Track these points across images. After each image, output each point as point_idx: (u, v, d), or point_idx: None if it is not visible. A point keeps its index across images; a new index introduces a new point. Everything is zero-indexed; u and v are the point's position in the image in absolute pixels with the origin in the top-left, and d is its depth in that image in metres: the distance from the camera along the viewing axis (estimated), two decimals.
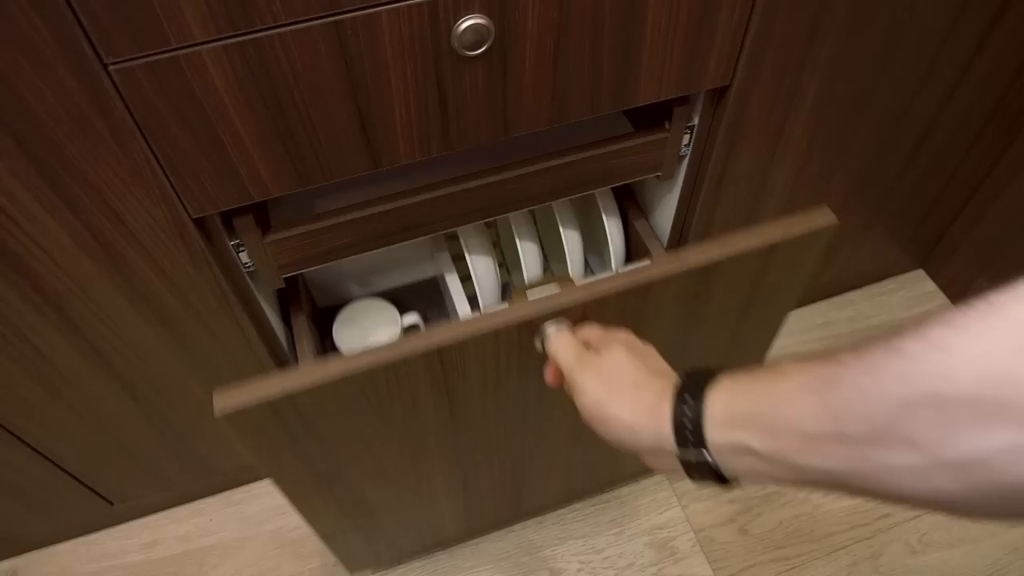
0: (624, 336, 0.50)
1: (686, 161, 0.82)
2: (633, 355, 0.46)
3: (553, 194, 0.79)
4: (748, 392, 0.38)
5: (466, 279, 0.93)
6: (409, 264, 1.03)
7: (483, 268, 0.91)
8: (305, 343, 0.85)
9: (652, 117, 0.79)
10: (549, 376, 0.52)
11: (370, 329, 0.97)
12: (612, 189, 0.96)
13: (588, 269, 1.02)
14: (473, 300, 0.92)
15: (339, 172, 0.63)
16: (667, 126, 0.77)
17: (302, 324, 0.86)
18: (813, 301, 1.23)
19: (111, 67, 0.50)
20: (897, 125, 0.87)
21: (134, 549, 1.04)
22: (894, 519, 1.02)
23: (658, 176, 0.82)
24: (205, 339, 0.75)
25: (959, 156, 0.99)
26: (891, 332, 0.31)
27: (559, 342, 0.50)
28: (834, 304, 1.23)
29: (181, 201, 0.60)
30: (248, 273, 0.73)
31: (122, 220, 0.60)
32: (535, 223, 0.95)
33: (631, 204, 0.96)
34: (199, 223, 0.63)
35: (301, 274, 0.89)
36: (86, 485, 0.93)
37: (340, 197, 0.75)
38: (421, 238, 0.77)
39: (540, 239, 1.01)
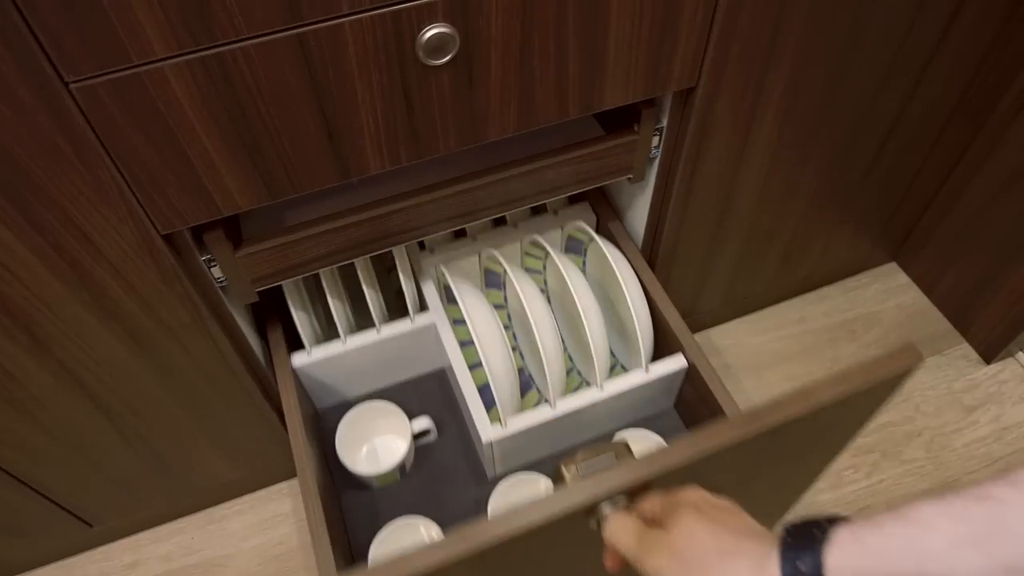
0: (692, 496, 0.40)
1: (657, 162, 0.82)
2: (709, 520, 0.38)
3: (525, 199, 0.79)
4: (883, 551, 0.32)
5: (475, 367, 0.87)
6: (414, 357, 0.94)
7: (495, 355, 0.80)
8: (282, 356, 0.85)
9: (622, 119, 0.79)
10: (609, 562, 0.44)
11: (377, 438, 0.92)
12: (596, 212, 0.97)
13: (612, 356, 0.95)
14: (485, 390, 0.84)
15: (308, 184, 0.63)
16: (636, 128, 0.77)
17: (278, 337, 0.86)
18: (789, 297, 1.24)
19: (72, 85, 0.49)
20: (863, 121, 0.88)
21: (115, 571, 1.02)
22: (874, 510, 1.02)
23: (629, 178, 0.83)
24: (179, 356, 0.75)
25: (925, 150, 1.00)
26: None
27: (616, 525, 0.41)
28: (809, 300, 1.25)
29: (149, 218, 0.60)
30: (221, 288, 0.72)
31: (89, 238, 0.59)
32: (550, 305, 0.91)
33: (605, 205, 0.97)
34: (168, 239, 0.63)
35: (296, 375, 0.86)
36: (63, 507, 0.91)
37: (315, 207, 0.75)
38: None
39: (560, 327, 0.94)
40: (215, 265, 0.70)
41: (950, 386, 1.15)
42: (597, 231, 0.99)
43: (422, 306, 0.90)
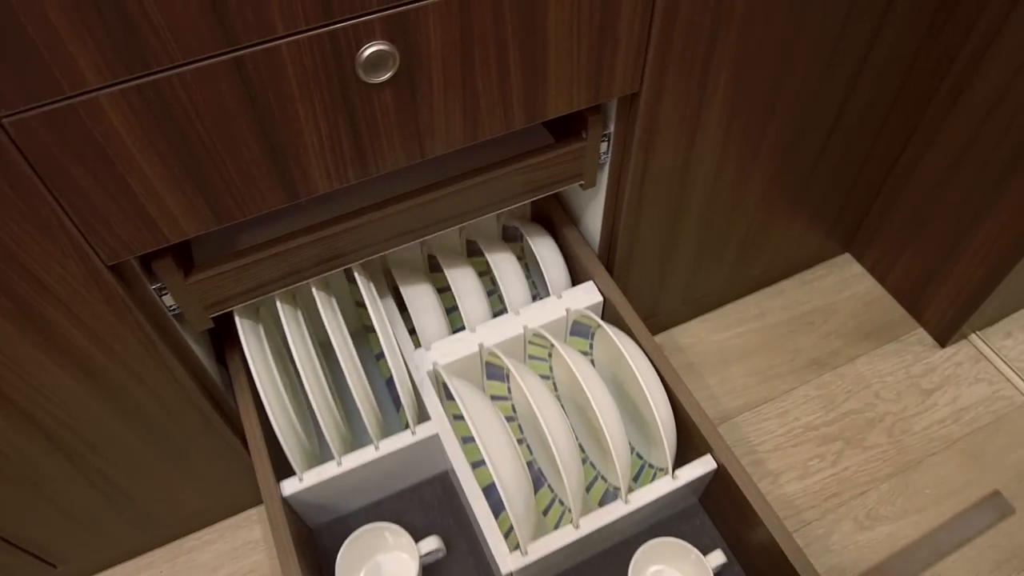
0: None
1: (607, 167, 0.83)
2: None
3: (478, 210, 0.79)
4: None
5: (480, 465, 0.83)
6: (415, 466, 0.87)
7: (504, 466, 0.74)
8: (242, 380, 0.84)
9: (572, 126, 0.80)
10: None
11: (381, 556, 0.84)
12: (542, 207, 0.97)
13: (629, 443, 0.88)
14: (492, 490, 0.80)
15: (256, 207, 0.62)
16: (584, 135, 0.78)
17: (238, 364, 0.85)
18: (747, 293, 1.26)
19: (5, 120, 0.48)
20: (808, 117, 0.90)
21: None
22: (841, 498, 1.05)
23: (581, 184, 0.83)
24: (135, 388, 0.73)
25: (869, 142, 1.03)
26: None
27: None
28: (767, 294, 1.27)
29: (93, 250, 0.59)
30: (174, 316, 0.71)
31: (33, 275, 0.58)
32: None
33: (560, 212, 0.97)
34: (115, 270, 0.62)
35: (284, 501, 0.78)
36: (25, 550, 0.89)
37: (271, 226, 0.75)
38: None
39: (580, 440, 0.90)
40: (166, 293, 0.69)
41: (908, 371, 1.17)
42: (554, 237, 1.00)
43: (419, 400, 0.84)
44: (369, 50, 0.55)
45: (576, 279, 0.95)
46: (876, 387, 1.16)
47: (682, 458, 0.84)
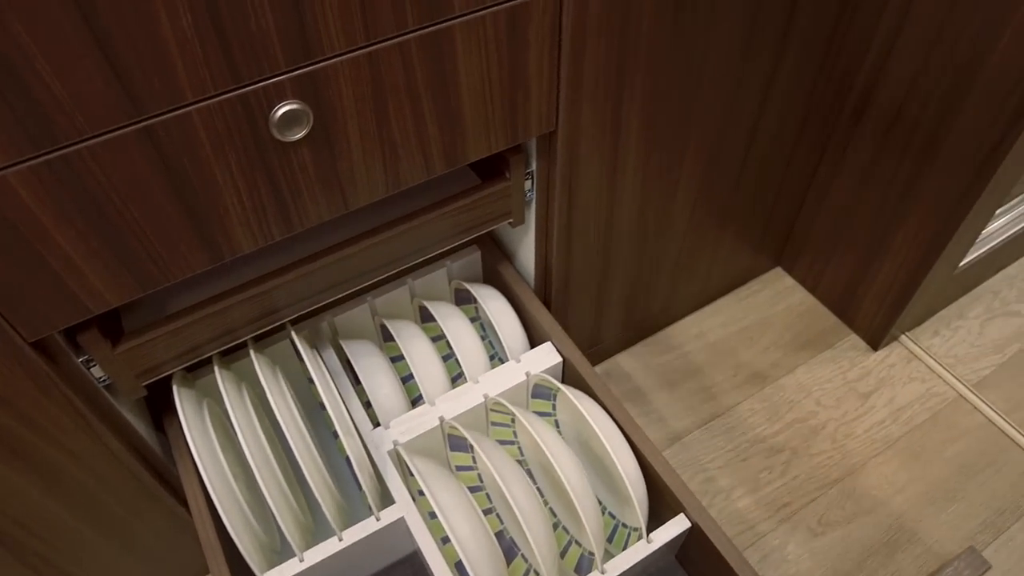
0: None
1: (534, 204, 0.85)
2: None
3: (410, 256, 0.80)
4: None
5: (447, 541, 0.81)
6: (382, 551, 0.82)
7: (470, 543, 0.72)
8: (182, 445, 0.82)
9: (496, 165, 0.82)
10: None
11: None
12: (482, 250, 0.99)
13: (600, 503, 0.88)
14: (462, 567, 0.78)
15: (180, 272, 0.62)
16: (508, 175, 0.80)
17: (177, 431, 0.83)
18: (686, 314, 1.29)
19: None
20: (723, 140, 0.94)
21: None
22: (793, 507, 1.07)
23: (510, 222, 0.85)
24: (68, 464, 0.71)
25: (784, 162, 1.07)
26: None
27: None
28: (705, 314, 1.30)
29: (13, 328, 0.58)
30: (104, 387, 0.70)
31: None
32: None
33: (494, 249, 0.99)
34: (38, 346, 0.61)
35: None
36: None
37: (205, 284, 0.74)
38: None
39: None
40: (94, 365, 0.68)
41: (845, 376, 1.21)
42: (486, 276, 1.01)
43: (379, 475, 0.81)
44: (282, 110, 0.56)
45: (532, 335, 0.96)
46: (817, 395, 1.19)
47: (655, 514, 0.84)
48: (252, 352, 0.78)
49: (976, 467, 1.11)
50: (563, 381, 0.91)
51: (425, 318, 0.98)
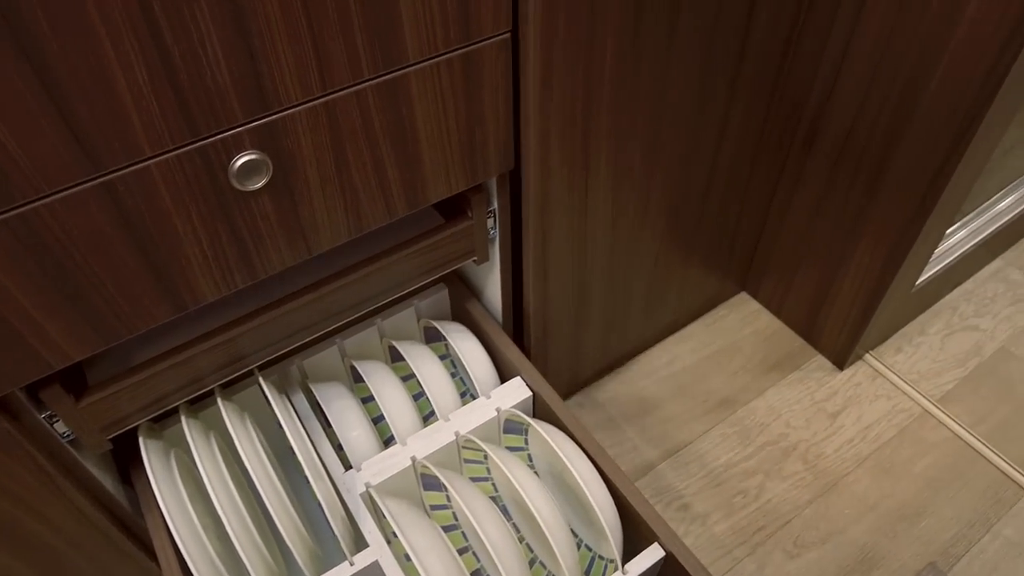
0: None
1: (497, 241, 0.87)
2: None
3: (376, 297, 0.81)
4: None
5: None
6: None
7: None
8: (149, 498, 0.81)
9: (459, 204, 0.83)
10: None
11: None
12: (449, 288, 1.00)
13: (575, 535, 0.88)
14: None
15: (143, 324, 0.62)
16: (470, 214, 0.81)
17: (145, 483, 0.82)
18: (656, 342, 1.31)
19: None
20: (687, 169, 0.97)
21: None
22: (768, 531, 1.08)
23: (475, 261, 0.86)
24: (33, 524, 0.70)
25: (742, 190, 1.10)
26: None
27: None
28: (675, 340, 1.32)
29: None
30: (68, 442, 0.69)
31: None
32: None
33: (461, 287, 1.00)
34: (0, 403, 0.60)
35: None
36: None
37: (170, 334, 0.74)
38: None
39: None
40: (57, 420, 0.67)
41: (813, 397, 1.23)
42: (454, 313, 1.02)
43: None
44: (241, 160, 0.57)
45: (502, 370, 0.96)
46: (786, 416, 1.21)
47: (631, 544, 0.84)
48: (219, 400, 0.78)
49: (944, 481, 1.13)
50: (534, 415, 0.92)
51: (395, 358, 0.99)
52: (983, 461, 1.15)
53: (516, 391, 0.89)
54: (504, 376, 0.95)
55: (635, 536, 0.82)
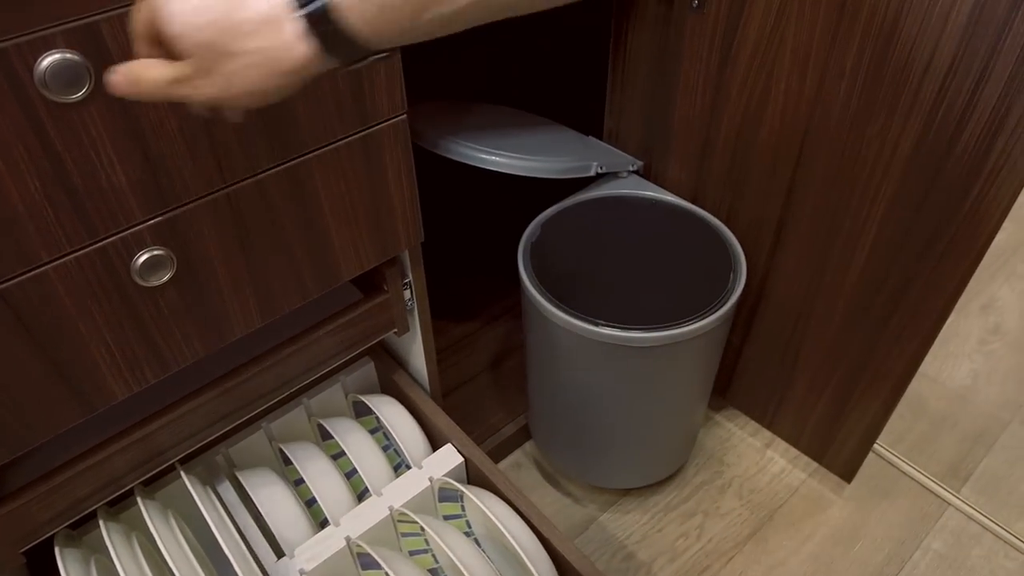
0: None
1: (416, 311, 0.88)
2: None
3: (298, 378, 0.81)
4: None
5: None
6: None
7: None
8: None
9: (374, 278, 0.85)
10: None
11: None
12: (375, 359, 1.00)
13: None
14: None
15: (51, 430, 0.61)
16: (386, 288, 0.83)
17: None
18: None
19: None
20: None
21: None
22: (713, 570, 1.09)
23: (395, 332, 0.87)
24: None
25: None
26: None
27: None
28: None
29: None
30: None
31: None
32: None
33: (386, 357, 1.00)
34: None
35: None
36: None
37: (81, 433, 0.72)
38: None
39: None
40: None
41: (742, 432, 1.27)
42: (382, 385, 1.02)
43: None
44: (143, 257, 0.57)
45: (433, 438, 0.95)
46: (719, 454, 1.24)
47: None
48: (140, 500, 0.76)
49: (872, 501, 1.17)
50: (468, 480, 0.92)
51: (325, 436, 0.98)
52: (905, 479, 1.20)
53: (448, 458, 0.89)
54: (436, 444, 0.95)
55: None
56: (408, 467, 0.98)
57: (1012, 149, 0.73)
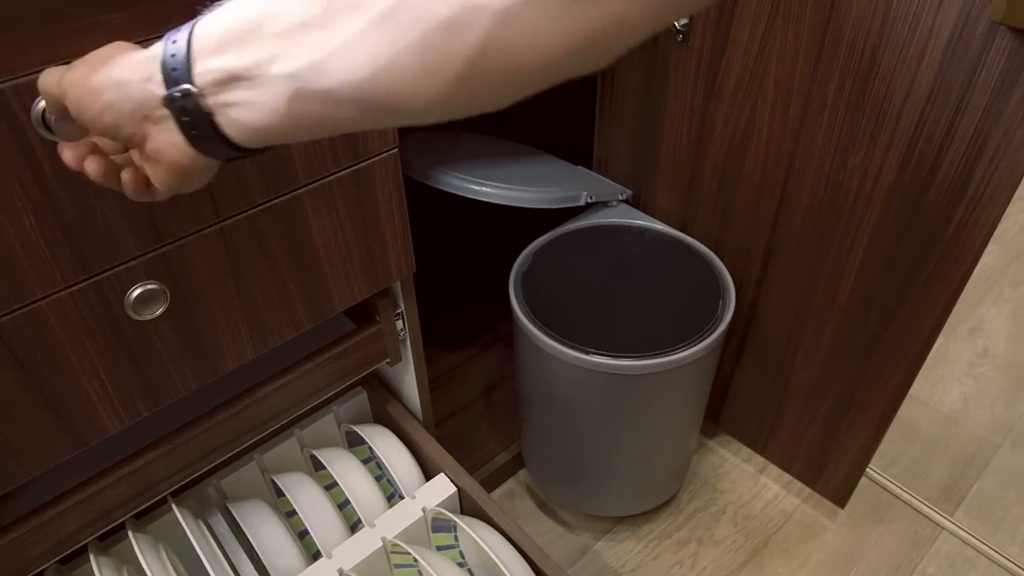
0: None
1: (408, 341, 0.89)
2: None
3: (293, 408, 0.81)
4: (237, 10, 0.33)
5: None
6: None
7: None
8: None
9: (367, 309, 0.85)
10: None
11: None
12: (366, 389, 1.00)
13: None
14: None
15: (42, 464, 0.61)
16: (379, 318, 0.83)
17: None
18: None
19: None
20: None
21: None
22: None
23: (388, 362, 0.88)
24: None
25: None
26: None
27: (43, 77, 0.42)
28: None
29: None
30: None
31: None
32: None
33: (379, 388, 1.00)
34: None
35: None
36: None
37: (71, 466, 0.71)
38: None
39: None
40: None
41: (735, 458, 1.27)
42: (375, 415, 1.02)
43: None
44: (136, 292, 0.57)
45: (426, 467, 0.95)
46: (712, 481, 1.24)
47: None
48: (131, 533, 0.75)
49: (867, 527, 1.17)
50: (461, 509, 0.92)
51: (317, 467, 0.98)
52: (899, 503, 1.20)
53: (441, 488, 0.89)
54: (429, 473, 0.95)
55: None
56: (401, 497, 0.98)
57: (991, 177, 0.75)
